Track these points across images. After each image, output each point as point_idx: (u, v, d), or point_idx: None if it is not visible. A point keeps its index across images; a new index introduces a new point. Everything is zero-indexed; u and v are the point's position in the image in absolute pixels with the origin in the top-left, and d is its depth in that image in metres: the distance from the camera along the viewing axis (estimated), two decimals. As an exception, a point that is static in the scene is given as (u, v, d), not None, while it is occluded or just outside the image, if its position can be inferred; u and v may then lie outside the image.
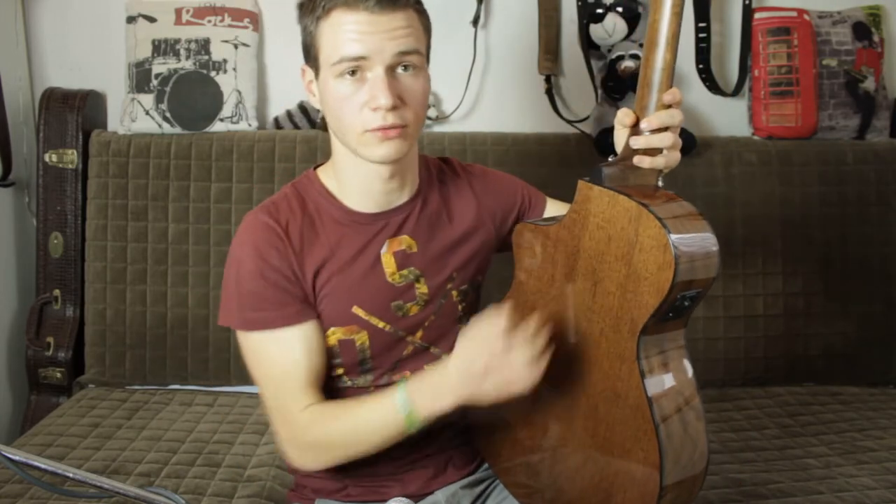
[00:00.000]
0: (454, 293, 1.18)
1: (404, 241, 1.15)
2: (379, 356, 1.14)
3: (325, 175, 1.16)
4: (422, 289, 1.15)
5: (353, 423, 1.06)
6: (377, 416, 1.04)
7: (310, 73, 1.10)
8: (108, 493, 0.80)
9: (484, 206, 1.23)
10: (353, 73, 1.03)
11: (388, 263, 1.14)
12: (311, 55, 1.08)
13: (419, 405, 1.01)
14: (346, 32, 1.02)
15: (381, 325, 1.13)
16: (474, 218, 1.21)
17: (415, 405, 1.01)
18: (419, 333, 1.16)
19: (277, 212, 1.11)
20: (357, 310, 1.12)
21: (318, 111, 1.97)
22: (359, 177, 1.12)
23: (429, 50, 1.11)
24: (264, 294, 1.07)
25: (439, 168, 1.25)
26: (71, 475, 0.77)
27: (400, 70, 1.04)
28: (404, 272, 1.14)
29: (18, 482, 1.41)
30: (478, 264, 1.20)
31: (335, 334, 1.12)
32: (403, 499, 1.05)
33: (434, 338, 1.18)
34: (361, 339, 1.13)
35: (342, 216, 1.13)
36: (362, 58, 1.02)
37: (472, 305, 1.23)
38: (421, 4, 1.09)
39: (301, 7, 1.09)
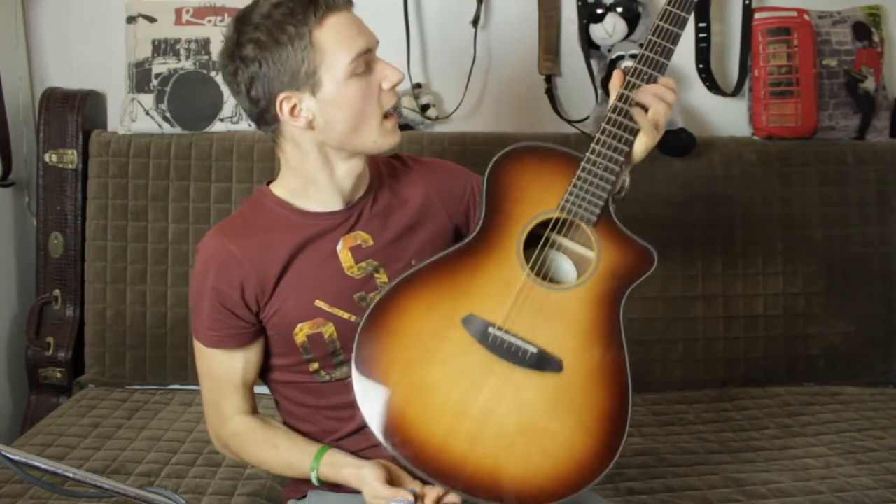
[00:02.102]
0: None
1: (359, 237, 1.19)
2: (348, 347, 1.15)
3: (277, 187, 1.21)
4: (382, 278, 1.19)
5: (269, 459, 1.19)
6: (289, 465, 1.18)
7: (294, 97, 1.10)
8: (108, 493, 0.80)
9: (432, 192, 1.26)
10: (367, 65, 1.11)
11: (346, 258, 1.18)
12: (299, 78, 1.08)
13: (327, 476, 1.14)
14: (348, 31, 1.09)
15: (345, 315, 1.16)
16: (423, 203, 1.24)
17: (323, 476, 1.14)
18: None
19: (231, 232, 1.18)
20: (320, 303, 1.16)
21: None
22: (331, 178, 1.17)
23: None
24: (219, 319, 1.16)
25: (389, 164, 1.29)
26: (71, 475, 0.77)
27: None
28: (362, 265, 1.18)
29: (18, 482, 1.41)
30: (435, 250, 1.21)
31: (302, 331, 1.16)
32: (403, 499, 1.05)
33: None
34: (329, 330, 1.16)
35: (297, 219, 1.18)
36: (369, 49, 1.11)
37: None
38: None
39: (275, 42, 1.07)
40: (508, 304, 1.12)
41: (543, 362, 1.10)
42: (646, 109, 1.14)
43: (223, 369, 1.19)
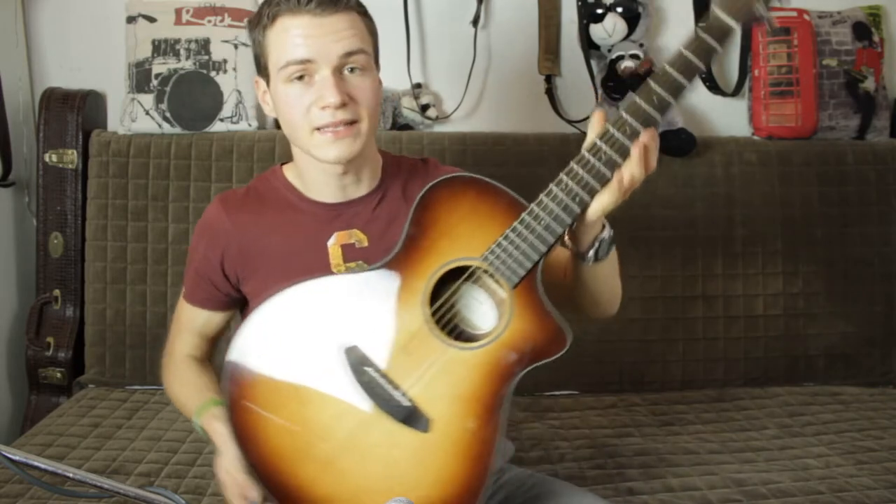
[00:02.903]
0: None
1: (354, 235, 1.18)
2: None
3: (289, 170, 1.24)
4: None
5: (176, 393, 1.25)
6: (184, 404, 1.23)
7: (262, 83, 1.16)
8: (108, 493, 0.80)
9: None
10: (300, 77, 1.09)
11: (335, 255, 1.18)
12: (261, 65, 1.14)
13: (205, 427, 1.16)
14: (291, 37, 1.08)
15: None
16: None
17: (202, 425, 1.16)
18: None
19: (230, 203, 1.23)
20: None
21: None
22: (315, 172, 1.18)
23: (377, 52, 1.15)
24: (199, 282, 1.25)
25: (412, 167, 1.27)
26: (71, 475, 0.77)
27: (347, 71, 1.10)
28: (350, 264, 1.17)
29: (18, 482, 1.41)
30: None
31: None
32: (403, 499, 1.05)
33: None
34: None
35: (297, 201, 1.20)
36: (308, 60, 1.08)
37: None
38: (363, 7, 1.13)
39: (249, 22, 1.15)
40: (397, 348, 1.04)
41: (412, 419, 1.02)
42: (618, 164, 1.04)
43: (188, 317, 1.27)
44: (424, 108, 2.01)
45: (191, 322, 1.27)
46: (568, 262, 1.15)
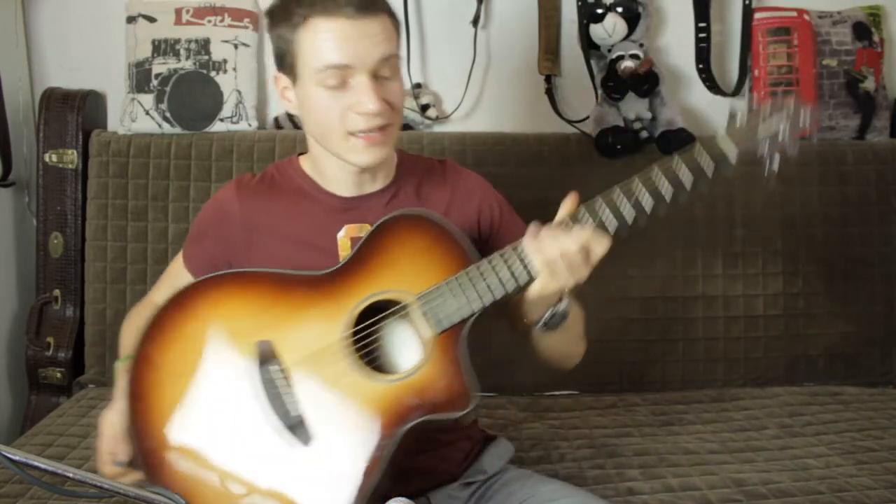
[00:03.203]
0: None
1: (364, 229, 1.17)
2: None
3: (305, 161, 1.25)
4: None
5: (123, 338, 1.25)
6: (124, 350, 1.21)
7: (285, 80, 1.14)
8: (108, 493, 0.80)
9: (454, 207, 1.22)
10: (341, 80, 1.07)
11: (343, 247, 1.18)
12: (286, 63, 1.11)
13: (116, 377, 1.14)
14: (326, 40, 1.05)
15: None
16: (448, 218, 1.19)
17: (116, 374, 1.15)
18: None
19: (244, 189, 1.23)
20: None
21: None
22: (333, 167, 1.19)
23: (398, 56, 1.14)
24: (199, 252, 1.26)
25: (429, 167, 1.27)
26: (71, 475, 0.77)
27: (381, 75, 1.08)
28: None
29: (18, 482, 1.41)
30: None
31: None
32: (403, 499, 1.05)
33: None
34: None
35: (312, 191, 1.21)
36: (346, 66, 1.06)
37: None
38: (391, 8, 1.12)
39: (272, 15, 1.11)
40: (307, 354, 1.05)
41: (295, 429, 1.02)
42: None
43: (176, 273, 1.28)
44: (424, 108, 2.01)
45: (177, 279, 1.27)
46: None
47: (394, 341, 1.11)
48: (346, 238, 1.18)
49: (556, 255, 1.01)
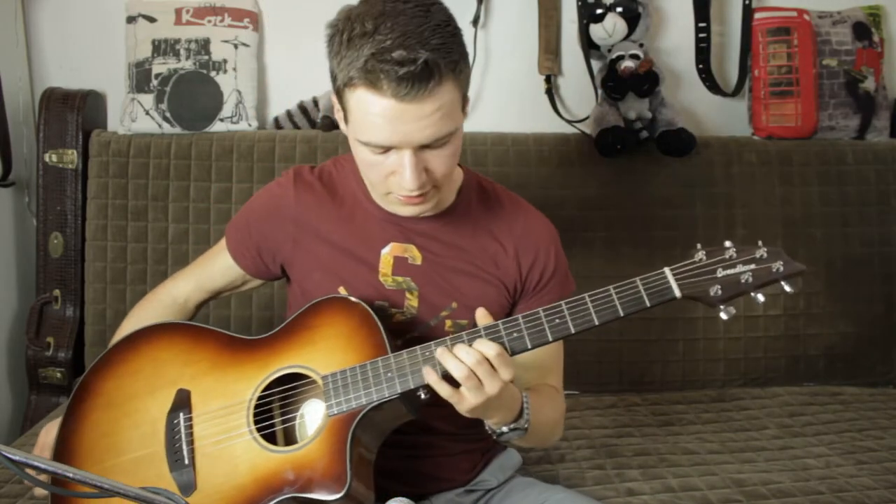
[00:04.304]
0: (448, 322, 1.16)
1: (409, 250, 1.15)
2: None
3: None
4: (412, 301, 1.15)
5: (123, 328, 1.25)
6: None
7: (338, 105, 1.06)
8: (108, 493, 0.80)
9: (508, 251, 1.17)
10: (386, 152, 1.02)
11: (385, 264, 1.15)
12: (337, 95, 1.04)
13: None
14: (372, 116, 0.98)
15: None
16: (494, 257, 1.16)
17: None
18: (398, 343, 1.16)
19: (302, 184, 1.19)
20: (343, 290, 1.15)
21: (319, 111, 1.98)
22: None
23: (465, 101, 1.06)
24: (242, 234, 1.23)
25: (497, 196, 1.20)
26: (71, 475, 0.76)
27: (431, 146, 1.01)
28: (398, 278, 1.15)
29: (18, 482, 1.41)
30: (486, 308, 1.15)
31: None
32: (403, 499, 1.05)
33: None
34: None
35: (364, 200, 1.17)
36: (389, 146, 1.00)
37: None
38: (460, 67, 1.00)
39: (328, 41, 1.02)
40: (215, 410, 1.09)
41: (182, 477, 1.05)
42: None
43: (214, 259, 1.27)
44: (424, 108, 2.00)
45: (213, 263, 1.26)
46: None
47: (307, 411, 1.13)
48: (389, 255, 1.15)
49: (465, 365, 0.97)
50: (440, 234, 1.15)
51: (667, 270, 1.00)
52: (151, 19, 1.95)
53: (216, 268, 1.26)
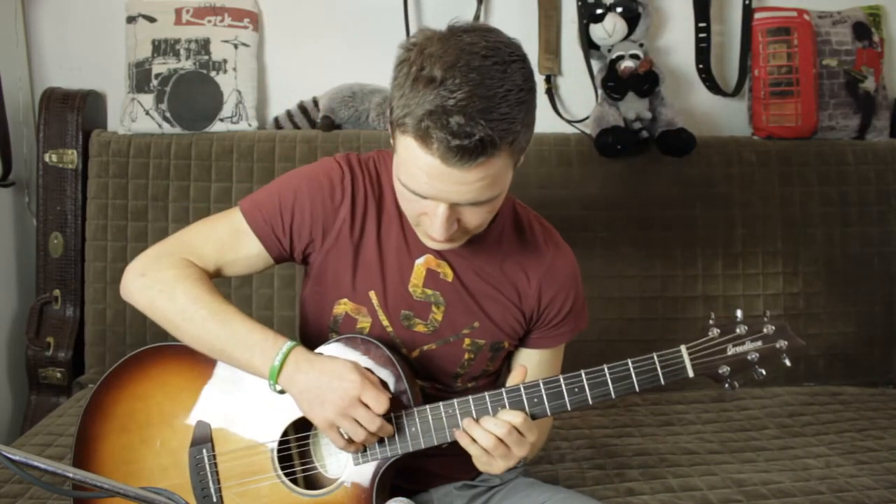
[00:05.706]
0: (467, 341, 1.16)
1: (442, 266, 1.14)
2: None
3: None
4: (437, 315, 1.15)
5: (215, 313, 1.06)
6: (244, 334, 1.06)
7: (389, 128, 1.03)
8: (108, 493, 0.80)
9: (532, 282, 1.17)
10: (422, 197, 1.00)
11: (417, 275, 1.14)
12: (389, 123, 1.01)
13: (289, 372, 1.04)
14: (416, 167, 0.95)
15: (385, 322, 1.14)
16: (520, 291, 1.16)
17: (286, 369, 1.04)
18: (415, 353, 1.16)
19: (357, 169, 1.13)
20: (373, 295, 1.13)
21: (319, 111, 1.98)
22: None
23: (522, 153, 1.02)
24: (275, 214, 1.11)
25: (530, 225, 1.19)
26: (71, 475, 0.76)
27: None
28: (428, 291, 1.14)
29: (18, 482, 1.41)
30: (502, 333, 1.17)
31: (345, 305, 1.14)
32: (404, 499, 1.05)
33: (424, 369, 1.17)
34: (363, 324, 1.14)
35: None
36: (426, 198, 0.98)
37: (480, 365, 1.19)
38: (519, 135, 0.96)
39: (398, 67, 0.98)
40: (240, 449, 1.10)
41: None
42: None
43: (229, 237, 1.12)
44: (424, 108, 2.00)
45: (227, 247, 1.12)
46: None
47: (327, 455, 1.13)
48: (423, 266, 1.14)
49: (487, 444, 1.02)
50: (472, 257, 1.15)
51: (683, 349, 1.06)
52: (151, 19, 1.95)
53: (240, 255, 1.13)
